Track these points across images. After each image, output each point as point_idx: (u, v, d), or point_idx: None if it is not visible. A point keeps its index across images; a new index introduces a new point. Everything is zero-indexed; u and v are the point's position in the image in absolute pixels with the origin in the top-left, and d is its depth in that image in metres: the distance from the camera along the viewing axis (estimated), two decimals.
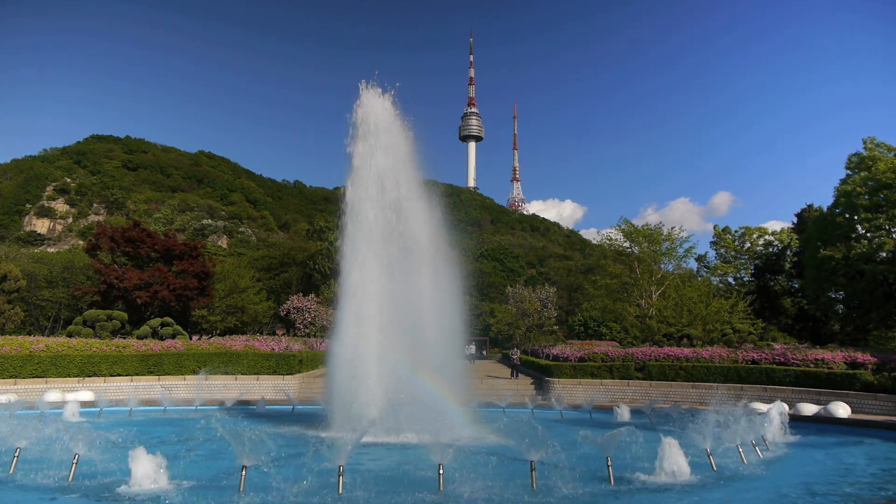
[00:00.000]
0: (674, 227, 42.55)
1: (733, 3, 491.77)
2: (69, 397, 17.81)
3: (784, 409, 14.71)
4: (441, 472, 7.94)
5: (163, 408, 18.00)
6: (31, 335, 27.48)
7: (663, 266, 42.44)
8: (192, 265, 33.88)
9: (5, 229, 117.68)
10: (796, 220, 48.40)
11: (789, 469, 10.45)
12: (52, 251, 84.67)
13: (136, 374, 21.53)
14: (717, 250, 51.59)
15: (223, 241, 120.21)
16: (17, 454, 8.63)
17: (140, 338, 25.17)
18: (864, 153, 31.69)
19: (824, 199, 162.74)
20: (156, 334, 26.32)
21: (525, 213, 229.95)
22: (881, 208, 29.89)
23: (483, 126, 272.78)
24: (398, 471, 10.03)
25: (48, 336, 27.78)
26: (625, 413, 17.28)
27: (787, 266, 46.62)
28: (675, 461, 8.88)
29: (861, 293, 31.25)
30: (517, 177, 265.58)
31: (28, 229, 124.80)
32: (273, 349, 24.95)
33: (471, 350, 42.05)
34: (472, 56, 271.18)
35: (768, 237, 49.03)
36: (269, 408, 18.68)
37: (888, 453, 12.17)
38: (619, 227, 43.80)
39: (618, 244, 44.44)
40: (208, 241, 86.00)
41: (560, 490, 8.28)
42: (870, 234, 30.18)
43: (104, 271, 31.66)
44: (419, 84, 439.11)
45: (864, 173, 30.63)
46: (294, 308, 44.71)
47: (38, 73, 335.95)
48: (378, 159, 15.15)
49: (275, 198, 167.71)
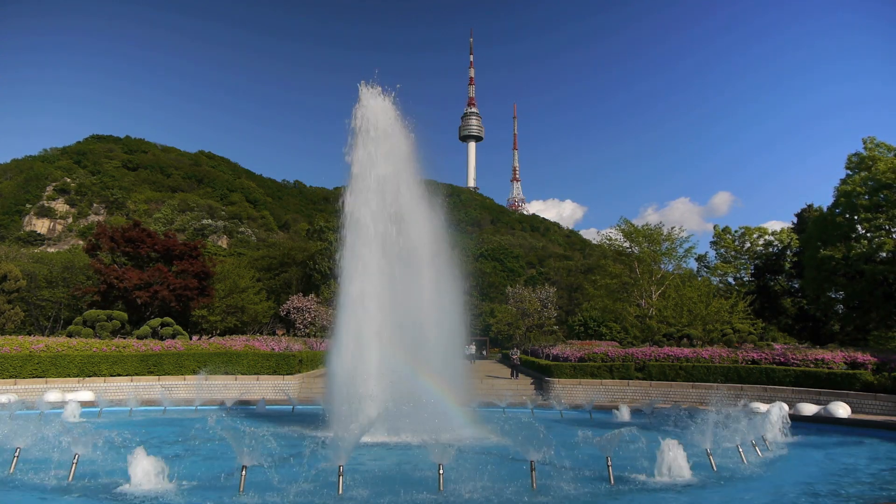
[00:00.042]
0: (674, 227, 42.63)
1: (733, 3, 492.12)
2: (69, 397, 17.83)
3: (784, 409, 14.71)
4: (441, 472, 7.93)
5: (163, 408, 18.01)
6: (31, 335, 27.50)
7: (663, 266, 42.46)
8: (192, 265, 33.89)
9: (5, 229, 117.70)
10: (796, 220, 48.42)
11: (789, 469, 10.45)
12: (52, 251, 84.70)
13: (136, 374, 21.54)
14: (717, 250, 51.61)
15: (223, 241, 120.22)
16: (17, 454, 8.63)
17: (140, 338, 25.18)
18: (864, 153, 31.70)
19: (824, 199, 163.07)
20: (156, 334, 26.32)
21: (525, 213, 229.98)
22: (881, 208, 29.90)
23: (483, 126, 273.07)
24: (398, 471, 10.03)
25: (48, 336, 27.79)
26: (625, 413, 17.31)
27: (787, 266, 46.63)
28: (675, 461, 8.88)
29: (861, 293, 31.25)
30: (517, 177, 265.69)
31: (28, 229, 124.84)
32: (273, 349, 24.96)
33: (471, 350, 42.07)
34: (472, 56, 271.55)
35: (768, 237, 49.05)
36: (269, 408, 18.70)
37: (888, 453, 12.17)
38: (618, 227, 43.84)
39: (618, 244, 44.45)
40: (208, 241, 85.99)
41: (560, 490, 8.28)
42: (870, 234, 30.19)
43: (104, 271, 31.67)
44: (419, 84, 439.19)
45: (864, 173, 30.65)
46: (294, 308, 44.73)
47: (38, 73, 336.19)
48: (379, 169, 14.58)
49: (275, 198, 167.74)
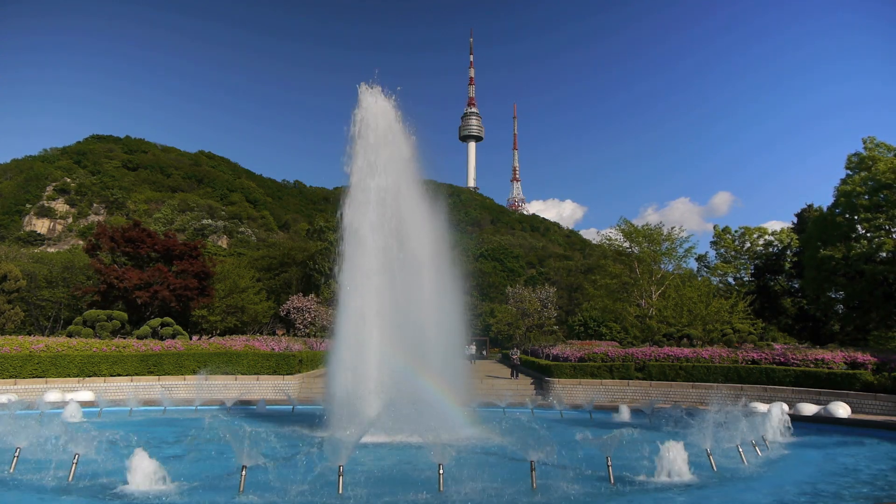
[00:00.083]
0: (674, 227, 42.61)
1: (733, 3, 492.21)
2: (69, 397, 17.83)
3: (784, 409, 14.72)
4: (441, 472, 7.92)
5: (163, 408, 18.00)
6: (31, 335, 27.50)
7: (663, 266, 42.46)
8: (192, 265, 33.89)
9: (5, 229, 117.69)
10: (796, 220, 48.41)
11: (789, 469, 10.45)
12: (52, 251, 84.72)
13: (136, 374, 21.54)
14: (717, 250, 51.61)
15: (223, 241, 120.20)
16: (17, 454, 8.63)
17: (140, 338, 25.18)
18: (864, 153, 31.70)
19: (824, 199, 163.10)
20: (156, 334, 26.32)
21: (525, 213, 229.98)
22: (881, 208, 29.89)
23: (483, 126, 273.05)
24: (398, 471, 10.03)
25: (48, 336, 27.79)
26: (625, 413, 17.31)
27: (787, 266, 46.62)
28: (675, 461, 8.88)
29: (861, 293, 31.25)
30: (517, 177, 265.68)
31: (28, 229, 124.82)
32: (273, 349, 24.96)
33: (471, 350, 42.09)
34: (472, 56, 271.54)
35: (768, 237, 49.05)
36: (269, 408, 18.70)
37: (888, 453, 12.17)
38: (618, 227, 43.84)
39: (618, 244, 44.44)
40: (208, 241, 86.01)
41: (560, 490, 8.28)
42: (870, 234, 30.18)
43: (104, 271, 31.66)
44: (419, 84, 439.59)
45: (864, 173, 30.64)
46: (294, 308, 44.72)
47: (38, 73, 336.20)
48: (378, 180, 14.15)
49: (275, 198, 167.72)
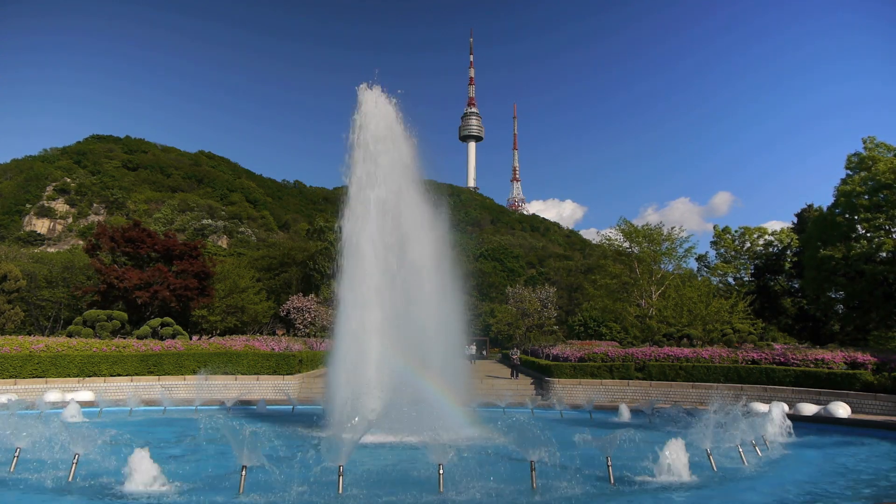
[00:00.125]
0: (674, 227, 42.59)
1: (733, 3, 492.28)
2: (69, 397, 17.83)
3: (784, 409, 14.72)
4: (441, 472, 7.92)
5: (163, 408, 18.00)
6: (31, 335, 27.50)
7: (663, 266, 42.45)
8: (192, 265, 33.88)
9: (5, 229, 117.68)
10: (796, 220, 48.42)
11: (789, 469, 10.45)
12: (52, 251, 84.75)
13: (136, 374, 21.53)
14: (717, 250, 51.61)
15: (223, 241, 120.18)
16: (17, 454, 8.63)
17: (140, 338, 25.17)
18: (864, 153, 31.70)
19: (824, 199, 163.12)
20: (156, 334, 26.32)
21: (525, 213, 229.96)
22: (881, 208, 29.89)
23: (483, 126, 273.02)
24: (398, 471, 10.03)
25: (48, 336, 27.79)
26: (625, 413, 17.32)
27: (787, 266, 46.62)
28: (675, 461, 8.88)
29: (861, 293, 31.25)
30: (517, 177, 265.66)
31: (28, 229, 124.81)
32: (273, 349, 24.96)
33: (471, 350, 42.09)
34: (472, 56, 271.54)
35: (768, 237, 49.05)
36: (269, 408, 18.70)
37: (888, 453, 12.17)
38: (618, 228, 43.83)
39: (618, 244, 44.42)
40: (208, 241, 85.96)
41: (560, 490, 8.28)
42: (870, 234, 30.20)
43: (104, 271, 31.66)
44: (419, 84, 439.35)
45: (864, 173, 30.65)
46: (294, 308, 44.73)
47: (38, 73, 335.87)
48: (378, 191, 13.92)
49: (275, 198, 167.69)
